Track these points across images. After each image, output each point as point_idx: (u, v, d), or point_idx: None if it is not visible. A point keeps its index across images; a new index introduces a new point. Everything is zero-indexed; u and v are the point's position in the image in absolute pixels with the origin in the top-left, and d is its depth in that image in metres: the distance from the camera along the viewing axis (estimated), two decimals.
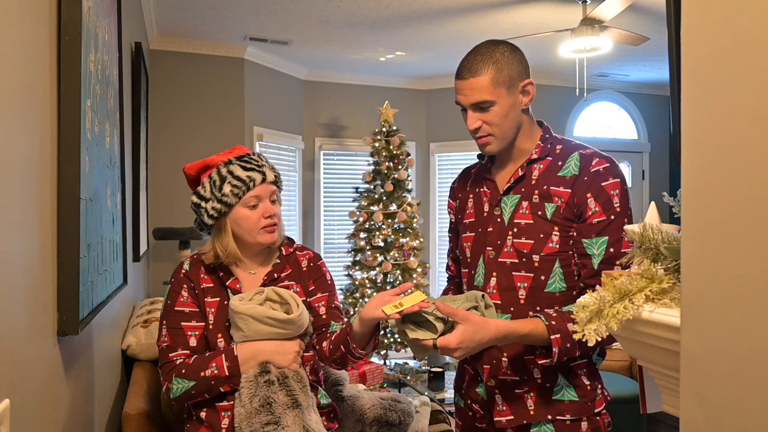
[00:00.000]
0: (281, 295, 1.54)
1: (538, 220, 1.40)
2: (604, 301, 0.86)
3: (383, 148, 5.02)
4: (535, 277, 1.40)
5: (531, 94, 1.43)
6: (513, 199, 1.45)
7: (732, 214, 0.63)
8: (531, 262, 1.40)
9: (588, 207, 1.36)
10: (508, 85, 1.38)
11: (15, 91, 0.91)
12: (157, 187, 4.40)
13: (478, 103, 1.39)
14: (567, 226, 1.39)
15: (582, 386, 1.42)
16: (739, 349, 0.62)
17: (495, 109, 1.38)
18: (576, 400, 1.41)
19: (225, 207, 1.54)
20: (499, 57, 1.38)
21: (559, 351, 1.30)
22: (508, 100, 1.38)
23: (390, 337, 4.99)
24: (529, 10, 3.94)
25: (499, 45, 1.41)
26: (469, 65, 1.39)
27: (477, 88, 1.37)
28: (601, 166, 1.38)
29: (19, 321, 0.92)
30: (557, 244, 1.39)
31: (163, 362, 1.53)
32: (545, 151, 1.45)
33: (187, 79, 4.63)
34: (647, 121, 6.43)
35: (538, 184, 1.43)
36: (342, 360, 1.54)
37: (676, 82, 1.10)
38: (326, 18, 4.06)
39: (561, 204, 1.39)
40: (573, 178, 1.39)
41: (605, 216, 1.35)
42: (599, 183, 1.37)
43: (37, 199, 1.03)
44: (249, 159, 1.58)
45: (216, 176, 1.55)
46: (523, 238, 1.41)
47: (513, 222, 1.44)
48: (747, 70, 0.61)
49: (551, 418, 1.40)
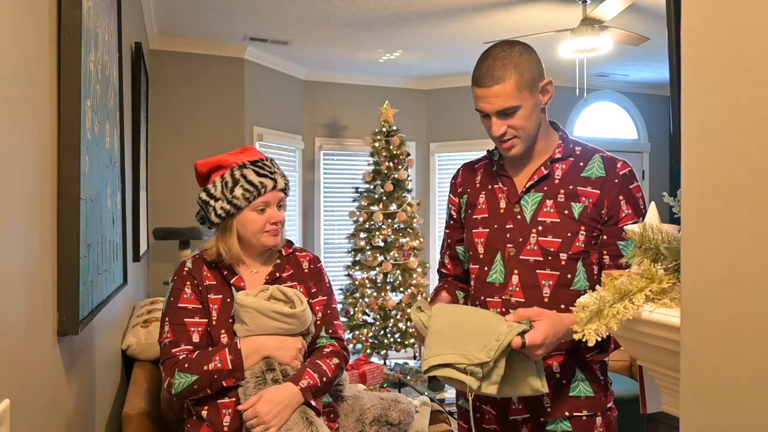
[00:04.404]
0: (285, 293, 1.57)
1: (566, 219, 1.40)
2: (604, 301, 0.86)
3: (383, 148, 5.02)
4: (561, 275, 1.40)
5: (550, 92, 1.42)
6: (535, 197, 1.44)
7: (732, 214, 0.63)
8: (557, 260, 1.40)
9: (621, 209, 1.39)
10: (530, 87, 1.36)
11: (15, 91, 0.91)
12: (157, 187, 4.40)
13: (503, 109, 1.36)
14: (592, 226, 1.40)
15: (597, 381, 1.44)
16: (740, 349, 0.62)
17: (520, 113, 1.37)
18: (592, 395, 1.43)
19: (234, 209, 1.56)
20: (518, 60, 1.36)
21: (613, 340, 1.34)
22: (531, 102, 1.37)
23: (390, 337, 4.99)
24: (529, 10, 3.94)
25: (515, 46, 1.39)
26: (490, 72, 1.36)
27: (501, 94, 1.35)
28: (626, 169, 1.42)
29: (19, 321, 0.92)
30: (583, 243, 1.40)
31: (166, 358, 1.53)
32: (568, 151, 1.46)
33: (187, 79, 4.63)
34: (647, 121, 6.43)
35: (563, 183, 1.43)
36: None
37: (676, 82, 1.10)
38: (326, 18, 4.06)
39: (589, 204, 1.40)
40: (600, 180, 1.41)
41: (636, 218, 1.38)
42: (628, 186, 1.40)
43: (37, 199, 1.03)
44: (263, 165, 1.61)
45: (229, 178, 1.57)
46: (549, 236, 1.40)
47: (537, 220, 1.43)
48: (747, 70, 0.61)
49: (568, 414, 1.41)
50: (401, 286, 5.01)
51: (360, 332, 4.94)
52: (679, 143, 0.71)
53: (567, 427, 1.41)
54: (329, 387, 1.60)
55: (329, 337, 1.67)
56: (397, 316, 4.97)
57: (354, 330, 4.96)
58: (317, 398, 1.55)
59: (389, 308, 4.92)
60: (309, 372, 1.53)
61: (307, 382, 1.50)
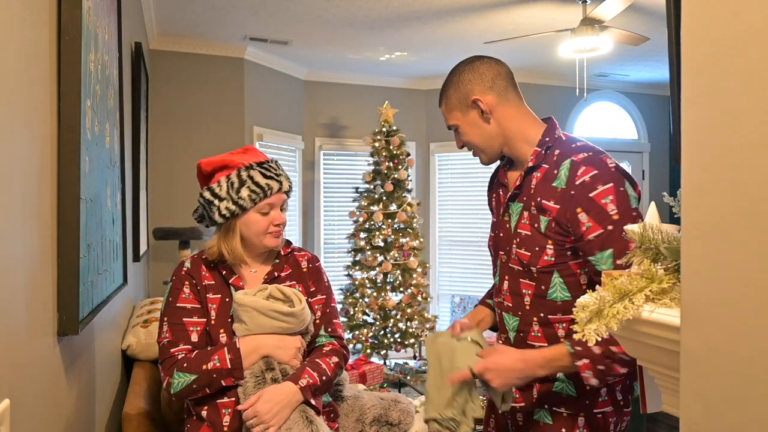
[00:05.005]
0: (284, 292, 1.57)
1: (535, 232, 1.40)
2: (604, 301, 0.86)
3: (383, 148, 5.02)
4: (537, 285, 1.42)
5: (481, 106, 1.44)
6: (517, 207, 1.47)
7: (732, 214, 0.63)
8: (531, 272, 1.42)
9: (581, 223, 1.31)
10: (459, 107, 1.47)
11: (15, 91, 0.91)
12: (157, 187, 4.40)
13: (449, 127, 1.52)
14: (560, 240, 1.36)
15: (582, 385, 1.42)
16: (739, 349, 0.62)
17: (461, 130, 1.49)
18: (574, 395, 1.43)
19: (239, 209, 1.57)
20: (448, 85, 1.49)
21: (594, 376, 1.29)
22: (465, 120, 1.47)
23: (390, 337, 4.99)
24: (529, 10, 3.94)
25: (457, 68, 1.50)
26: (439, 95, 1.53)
27: (443, 115, 1.52)
28: (587, 175, 1.32)
29: (19, 321, 0.92)
30: (552, 257, 1.38)
31: (164, 357, 1.54)
32: (540, 158, 1.43)
33: (187, 79, 4.63)
34: (647, 121, 6.43)
35: (536, 194, 1.41)
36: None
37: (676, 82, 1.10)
38: (326, 18, 4.06)
39: (551, 219, 1.37)
40: (560, 192, 1.36)
41: (602, 228, 1.29)
42: (586, 195, 1.31)
43: (37, 199, 1.03)
44: (269, 167, 1.62)
45: (235, 178, 1.57)
46: (522, 249, 1.43)
47: (517, 231, 1.46)
48: (747, 70, 0.61)
49: (548, 407, 1.45)
50: (401, 286, 5.01)
51: (360, 332, 4.94)
52: (679, 143, 0.71)
53: (548, 418, 1.46)
54: (329, 386, 1.60)
55: (329, 335, 1.68)
56: (397, 316, 4.97)
57: (354, 330, 4.96)
58: (317, 397, 1.55)
59: (389, 308, 4.92)
60: (308, 371, 1.53)
61: (307, 381, 1.51)
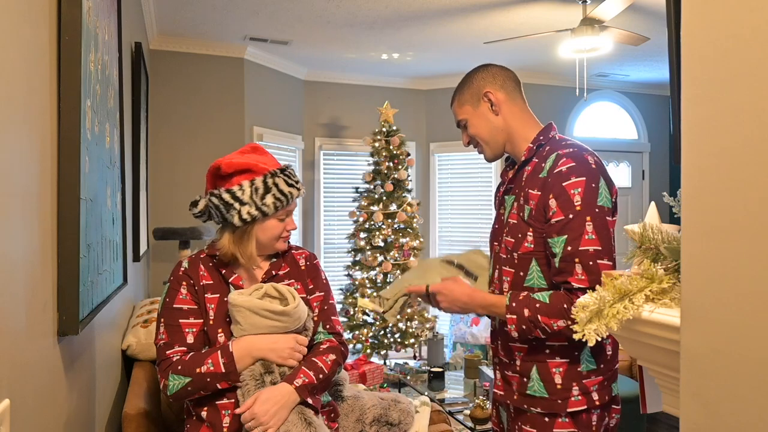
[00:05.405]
0: (279, 290, 1.58)
1: (520, 220, 1.52)
2: (604, 301, 0.87)
3: (383, 148, 5.02)
4: (515, 272, 1.52)
5: (491, 98, 1.57)
6: (510, 199, 1.59)
7: (732, 214, 0.63)
8: (512, 259, 1.52)
9: (549, 207, 1.44)
10: (471, 101, 1.60)
11: (15, 91, 0.91)
12: (157, 187, 4.40)
13: (458, 123, 1.64)
14: (538, 228, 1.47)
15: (552, 383, 1.47)
16: (739, 349, 0.62)
17: (470, 123, 1.61)
18: (546, 396, 1.47)
19: (261, 215, 1.57)
20: (462, 84, 1.63)
21: (515, 330, 1.45)
22: (475, 113, 1.59)
23: (390, 337, 4.99)
24: (529, 10, 3.94)
25: (471, 71, 1.63)
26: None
27: (453, 113, 1.65)
28: (565, 165, 1.43)
29: (19, 321, 0.92)
30: (532, 244, 1.48)
31: (161, 359, 1.54)
32: (532, 153, 1.54)
33: (187, 79, 4.63)
34: (647, 121, 6.43)
35: (525, 185, 1.52)
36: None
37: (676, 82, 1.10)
38: (326, 18, 4.06)
39: (533, 206, 1.47)
40: (542, 180, 1.47)
41: (563, 215, 1.41)
42: (560, 183, 1.42)
43: (37, 200, 1.03)
44: (290, 174, 1.64)
45: (260, 184, 1.57)
46: (509, 236, 1.54)
47: (507, 221, 1.57)
48: (747, 70, 0.61)
49: (526, 407, 1.50)
50: None
51: (360, 332, 4.94)
52: (679, 143, 0.71)
53: (529, 421, 1.50)
54: (327, 383, 1.60)
55: (327, 332, 1.69)
56: (397, 316, 4.97)
57: (354, 330, 4.96)
58: (315, 396, 1.55)
59: None
60: (304, 370, 1.54)
61: (302, 381, 1.51)
